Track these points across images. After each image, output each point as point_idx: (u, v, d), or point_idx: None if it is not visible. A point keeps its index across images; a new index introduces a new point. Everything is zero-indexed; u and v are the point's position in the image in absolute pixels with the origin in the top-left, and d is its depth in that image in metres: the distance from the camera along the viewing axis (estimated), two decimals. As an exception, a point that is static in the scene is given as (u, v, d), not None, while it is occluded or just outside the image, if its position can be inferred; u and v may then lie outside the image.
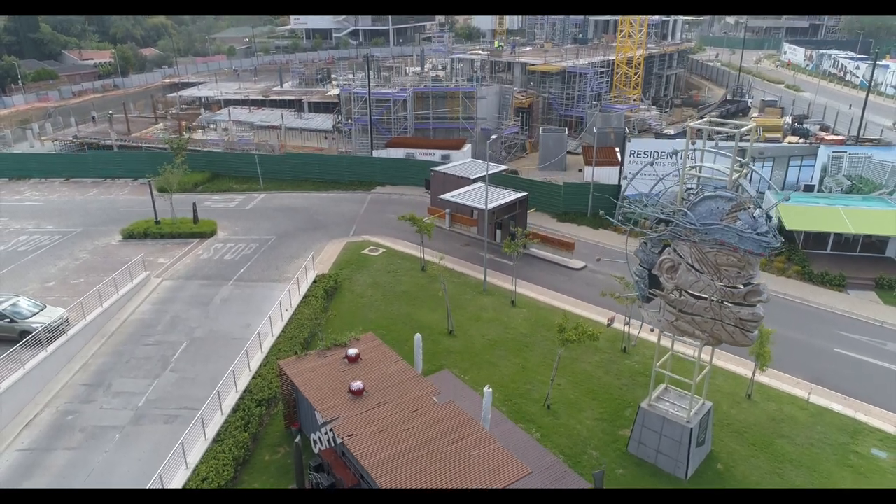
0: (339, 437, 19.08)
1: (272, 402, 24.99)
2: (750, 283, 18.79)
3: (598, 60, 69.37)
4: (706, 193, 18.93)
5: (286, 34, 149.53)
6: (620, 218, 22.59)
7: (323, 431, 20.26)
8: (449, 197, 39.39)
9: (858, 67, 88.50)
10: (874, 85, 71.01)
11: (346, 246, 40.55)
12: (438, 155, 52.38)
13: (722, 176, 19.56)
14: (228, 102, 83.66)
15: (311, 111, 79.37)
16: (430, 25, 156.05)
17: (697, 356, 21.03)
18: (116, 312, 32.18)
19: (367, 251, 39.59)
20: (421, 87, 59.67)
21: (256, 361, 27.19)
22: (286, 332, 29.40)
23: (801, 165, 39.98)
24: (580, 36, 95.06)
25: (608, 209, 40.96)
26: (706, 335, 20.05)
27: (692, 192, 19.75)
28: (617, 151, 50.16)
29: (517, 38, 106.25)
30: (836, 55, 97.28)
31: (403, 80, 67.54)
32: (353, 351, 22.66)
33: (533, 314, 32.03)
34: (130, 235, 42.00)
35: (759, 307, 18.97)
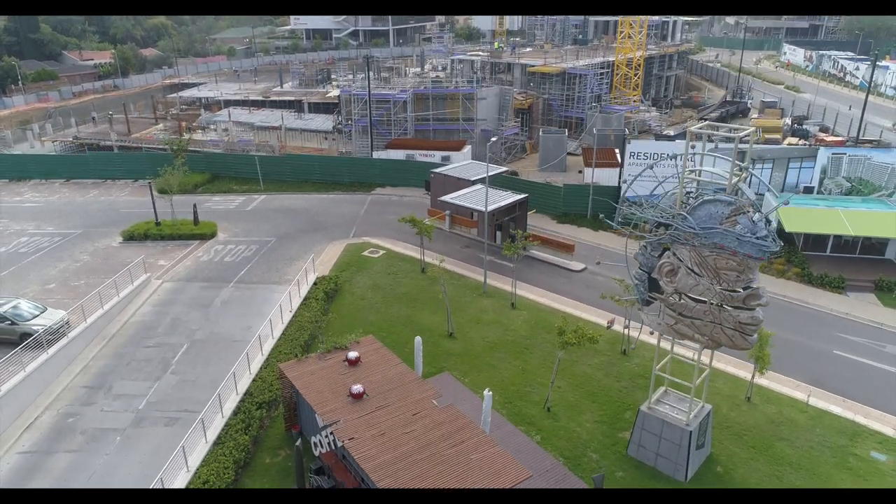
0: (339, 440, 19.13)
1: (273, 404, 25.01)
2: (749, 286, 18.85)
3: (598, 61, 69.41)
4: (705, 198, 19.00)
5: (286, 34, 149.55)
6: (620, 220, 22.62)
7: (323, 434, 20.33)
8: (449, 199, 39.44)
9: (858, 68, 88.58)
10: (874, 86, 71.02)
11: (346, 248, 40.58)
12: (438, 156, 52.43)
13: (722, 180, 19.62)
14: (228, 103, 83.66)
15: (311, 112, 79.39)
16: (430, 26, 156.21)
17: (697, 359, 21.10)
18: (117, 314, 32.23)
19: (367, 253, 39.63)
20: (421, 88, 59.72)
21: (257, 364, 27.22)
22: (286, 334, 29.42)
23: (800, 167, 40.07)
24: (580, 37, 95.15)
25: (608, 213, 41.14)
26: (706, 339, 20.11)
27: (692, 195, 19.82)
28: (617, 153, 50.25)
29: (517, 38, 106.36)
30: (835, 56, 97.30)
31: (403, 81, 67.60)
32: (353, 354, 22.70)
33: (533, 316, 32.07)
34: (131, 237, 42.03)
35: (758, 311, 19.03)
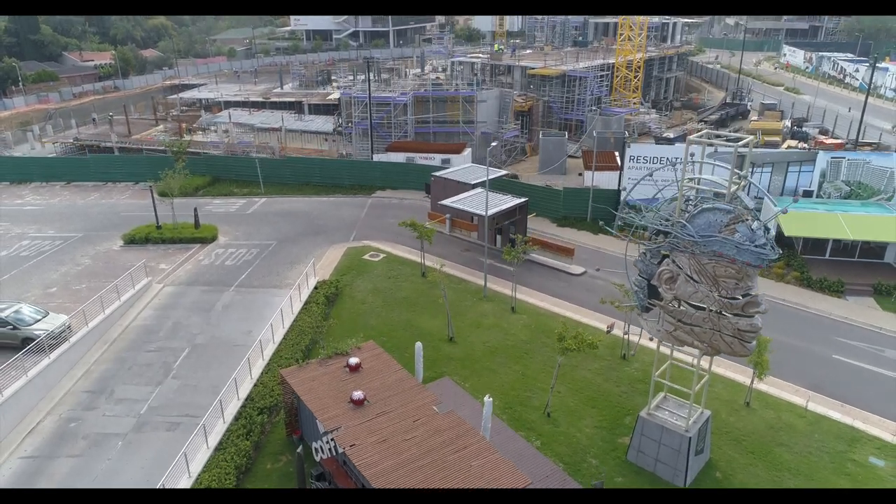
0: (340, 446, 19.24)
1: (274, 410, 25.09)
2: (748, 294, 18.95)
3: (597, 64, 69.53)
4: (704, 206, 19.11)
5: (286, 35, 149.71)
6: (620, 223, 22.69)
7: (324, 440, 20.42)
8: (449, 203, 39.51)
9: (858, 70, 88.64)
10: (873, 87, 71.07)
11: (346, 251, 40.67)
12: (439, 159, 52.52)
13: (720, 187, 19.71)
14: (228, 104, 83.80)
15: (311, 113, 79.56)
16: (430, 27, 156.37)
17: (696, 365, 21.21)
18: (118, 319, 32.31)
19: (367, 256, 39.72)
20: (421, 91, 59.81)
21: (258, 369, 27.29)
22: (287, 338, 29.49)
23: (799, 171, 40.15)
24: (580, 38, 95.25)
25: (608, 219, 41.20)
26: (705, 345, 20.21)
27: (691, 202, 19.93)
28: (616, 156, 50.34)
29: (517, 40, 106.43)
30: (835, 57, 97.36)
31: (404, 83, 67.71)
32: (354, 360, 22.81)
33: (533, 320, 32.18)
34: (132, 240, 42.10)
35: (757, 318, 19.13)
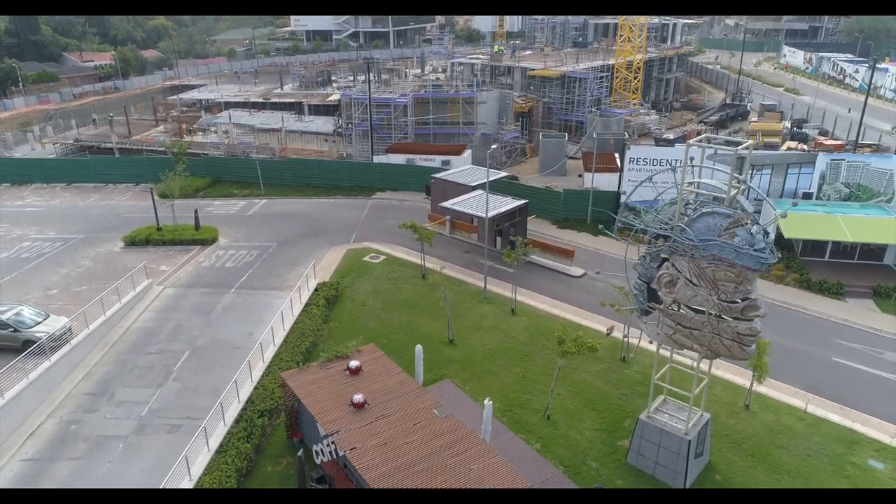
0: (341, 449, 19.31)
1: (274, 412, 25.14)
2: (747, 297, 19.01)
3: (597, 65, 69.56)
4: (704, 210, 19.16)
5: (286, 36, 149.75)
6: (620, 225, 22.72)
7: (325, 443, 20.51)
8: (449, 205, 39.55)
9: (858, 71, 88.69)
10: (873, 88, 71.09)
11: (346, 253, 40.73)
12: (439, 160, 52.54)
13: (721, 191, 19.76)
14: (229, 105, 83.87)
15: (311, 114, 79.61)
16: (430, 27, 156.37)
17: (696, 368, 21.26)
18: (119, 321, 32.37)
19: (367, 258, 39.77)
20: (421, 92, 59.83)
21: (258, 371, 27.34)
22: (288, 341, 29.54)
23: (799, 173, 40.19)
24: (580, 39, 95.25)
25: (607, 222, 41.18)
26: (704, 349, 20.26)
27: (690, 206, 19.98)
28: (616, 157, 50.37)
29: (517, 41, 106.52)
30: (835, 58, 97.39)
31: (404, 84, 67.75)
32: (354, 363, 22.87)
33: (533, 323, 32.23)
34: (132, 242, 42.17)
35: (756, 322, 19.18)
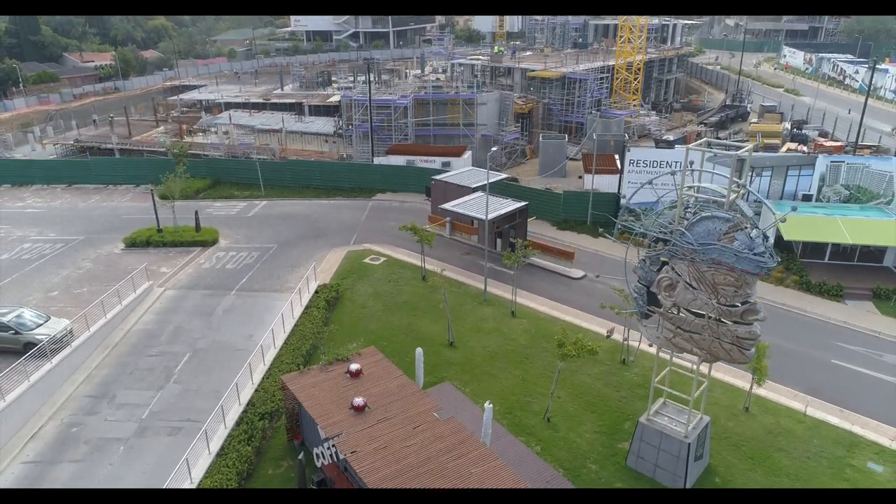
0: (341, 452, 19.37)
1: (275, 415, 25.20)
2: (747, 301, 19.07)
3: (597, 66, 69.59)
4: (703, 214, 19.22)
5: (286, 36, 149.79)
6: (620, 228, 22.77)
7: (325, 446, 20.58)
8: (449, 207, 39.60)
9: (858, 71, 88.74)
10: (873, 89, 71.13)
11: (347, 255, 40.77)
12: (439, 162, 52.60)
13: (720, 195, 19.81)
14: (229, 105, 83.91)
15: (311, 114, 79.63)
16: (430, 27, 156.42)
17: (696, 371, 21.32)
18: (120, 323, 32.42)
19: (368, 260, 39.82)
20: (421, 93, 59.86)
21: (259, 374, 27.40)
22: (288, 343, 29.60)
23: (799, 175, 40.24)
24: (580, 40, 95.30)
25: (607, 224, 41.53)
26: (704, 352, 20.32)
27: (690, 210, 20.04)
28: (616, 159, 50.43)
29: (517, 42, 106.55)
30: (835, 59, 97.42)
31: (404, 85, 67.78)
32: (355, 366, 22.93)
33: (533, 325, 32.28)
34: (133, 244, 42.19)
35: (755, 326, 19.24)
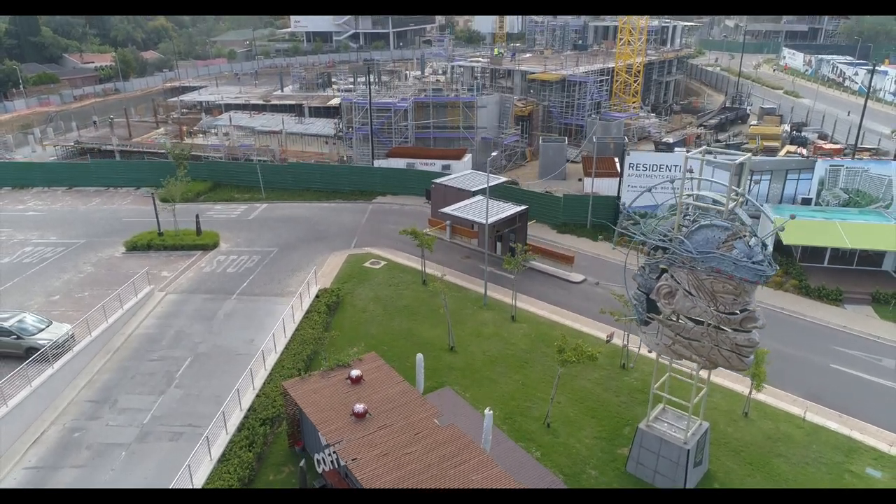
0: (342, 459, 19.48)
1: (276, 420, 25.28)
2: (746, 309, 19.17)
3: (597, 68, 69.70)
4: (702, 222, 19.32)
5: (286, 37, 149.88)
6: (620, 233, 22.87)
7: (327, 453, 20.73)
8: (450, 210, 39.70)
9: (857, 73, 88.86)
10: (873, 91, 71.20)
11: (347, 258, 40.86)
12: (439, 165, 52.70)
13: (720, 197, 19.91)
14: (229, 107, 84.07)
15: (311, 116, 79.75)
16: (430, 28, 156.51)
17: (695, 377, 21.43)
18: (121, 327, 32.49)
19: (368, 264, 39.91)
20: (421, 96, 59.95)
21: (260, 379, 27.47)
22: (289, 348, 29.67)
23: (798, 179, 40.35)
24: (580, 42, 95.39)
25: (607, 227, 41.71)
26: (703, 359, 20.44)
27: (689, 217, 20.14)
28: (616, 162, 50.53)
29: (517, 43, 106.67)
30: (834, 60, 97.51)
31: (404, 87, 67.87)
32: (355, 372, 23.02)
33: (533, 329, 32.38)
34: (134, 247, 42.27)
35: (754, 333, 19.35)
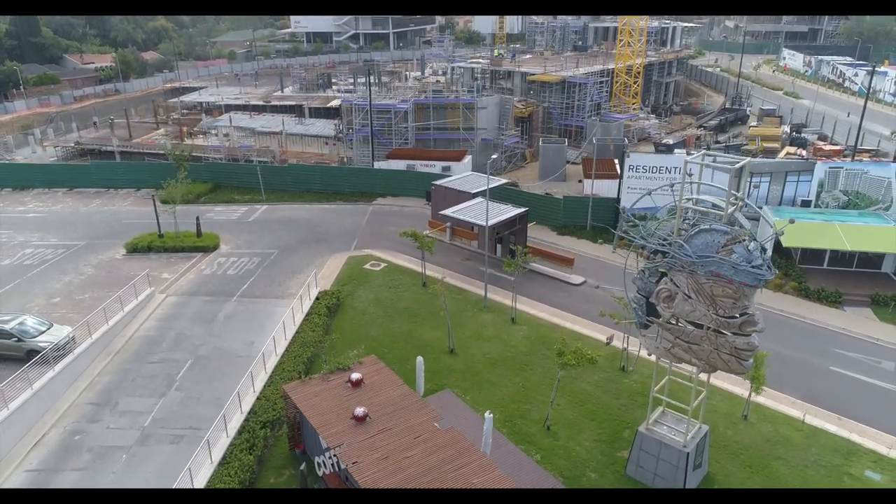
0: (343, 463, 19.53)
1: (277, 423, 25.32)
2: (745, 313, 19.22)
3: (597, 69, 69.75)
4: (702, 226, 19.37)
5: (286, 38, 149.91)
6: (620, 236, 22.92)
7: (327, 456, 20.78)
8: (450, 213, 39.71)
9: (857, 74, 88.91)
10: (872, 92, 71.25)
11: (347, 260, 40.90)
12: (439, 166, 52.74)
13: (720, 202, 19.95)
14: (229, 108, 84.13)
15: (311, 117, 79.80)
16: (430, 29, 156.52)
17: (694, 380, 21.48)
18: (122, 329, 32.52)
19: (368, 266, 39.95)
20: (421, 97, 59.99)
21: (261, 382, 27.51)
22: (290, 351, 29.70)
23: (797, 181, 40.39)
24: (580, 43, 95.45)
25: (607, 230, 41.76)
26: (702, 363, 20.49)
27: (688, 221, 20.20)
28: (616, 164, 50.56)
29: (517, 44, 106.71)
30: (834, 61, 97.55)
31: (404, 88, 67.93)
32: (356, 375, 23.07)
33: (533, 332, 32.42)
34: (134, 249, 42.31)
35: (754, 337, 19.40)
